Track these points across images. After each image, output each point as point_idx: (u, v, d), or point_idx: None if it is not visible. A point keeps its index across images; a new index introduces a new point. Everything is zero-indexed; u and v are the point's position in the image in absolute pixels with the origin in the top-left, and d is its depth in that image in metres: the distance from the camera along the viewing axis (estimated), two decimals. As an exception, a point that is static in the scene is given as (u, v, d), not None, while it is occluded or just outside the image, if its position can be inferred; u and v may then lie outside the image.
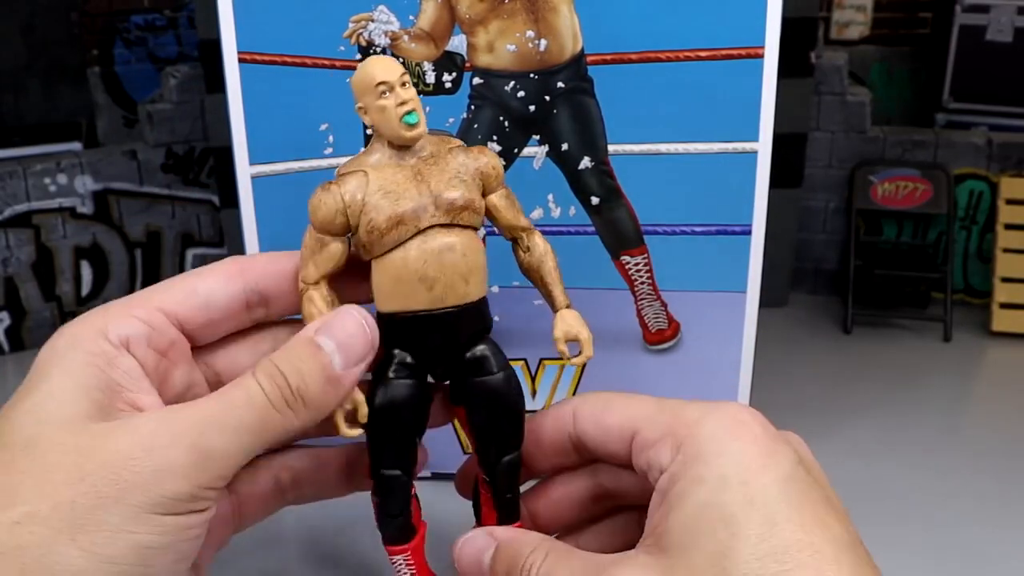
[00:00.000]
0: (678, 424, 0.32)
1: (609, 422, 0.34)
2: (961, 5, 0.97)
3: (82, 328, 0.32)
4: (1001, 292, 0.77)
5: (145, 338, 0.33)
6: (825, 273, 0.85)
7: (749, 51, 0.48)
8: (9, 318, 0.74)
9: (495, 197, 0.36)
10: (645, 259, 0.52)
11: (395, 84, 0.33)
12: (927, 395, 0.68)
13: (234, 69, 0.48)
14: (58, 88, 0.96)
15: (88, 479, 0.27)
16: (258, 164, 0.49)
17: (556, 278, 0.37)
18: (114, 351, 0.32)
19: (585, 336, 0.36)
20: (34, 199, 0.73)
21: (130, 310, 0.33)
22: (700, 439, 0.31)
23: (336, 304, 0.35)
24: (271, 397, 0.30)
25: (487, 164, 0.35)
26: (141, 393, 0.31)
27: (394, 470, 0.35)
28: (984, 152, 0.80)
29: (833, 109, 0.81)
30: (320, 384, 0.31)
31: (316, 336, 0.32)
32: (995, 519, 0.53)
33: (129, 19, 0.94)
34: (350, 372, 0.33)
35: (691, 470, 0.30)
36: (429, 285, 0.33)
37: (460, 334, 0.34)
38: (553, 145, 0.50)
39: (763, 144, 0.50)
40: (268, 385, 0.31)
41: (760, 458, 0.30)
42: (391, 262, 0.33)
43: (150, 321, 0.33)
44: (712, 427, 0.31)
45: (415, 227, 0.33)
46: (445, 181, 0.34)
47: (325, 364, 0.32)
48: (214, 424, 0.29)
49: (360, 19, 0.48)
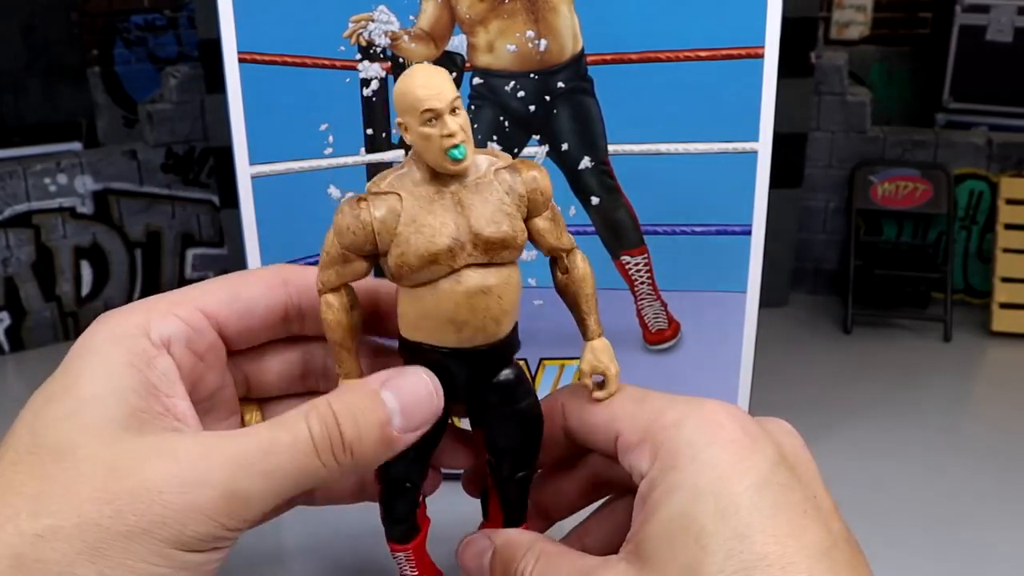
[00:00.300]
0: (656, 427, 0.31)
1: (593, 421, 0.34)
2: (961, 5, 0.97)
3: (124, 322, 0.32)
4: (1001, 292, 0.77)
5: (184, 339, 0.32)
6: (825, 273, 0.85)
7: (749, 51, 0.48)
8: (9, 318, 0.74)
9: (540, 220, 0.33)
10: (645, 259, 0.52)
11: (444, 112, 0.29)
12: (927, 395, 0.68)
13: (234, 69, 0.48)
14: (58, 88, 0.96)
15: (116, 502, 0.27)
16: (258, 164, 0.49)
17: (592, 305, 0.34)
18: (154, 351, 0.31)
19: (613, 372, 0.34)
20: (34, 199, 0.73)
21: (172, 308, 0.32)
22: (677, 444, 0.30)
23: (356, 309, 0.33)
24: (318, 444, 0.29)
25: (533, 188, 0.32)
26: (176, 398, 0.31)
27: (404, 480, 0.35)
28: (984, 152, 0.80)
29: (833, 109, 0.81)
30: (374, 442, 0.30)
31: (382, 390, 0.31)
32: (995, 519, 0.53)
33: (129, 19, 0.94)
34: (407, 436, 0.31)
35: (667, 477, 0.29)
36: (458, 328, 0.31)
37: (486, 367, 0.33)
38: (553, 145, 0.50)
39: (763, 144, 0.50)
40: (319, 430, 0.29)
41: (735, 463, 0.29)
42: (420, 298, 0.31)
43: (191, 322, 0.33)
44: (689, 431, 0.30)
45: (449, 267, 0.30)
46: (487, 216, 0.31)
47: (384, 422, 0.30)
48: (252, 466, 0.28)
49: (360, 19, 0.48)
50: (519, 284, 0.32)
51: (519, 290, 0.33)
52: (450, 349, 0.32)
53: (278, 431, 0.29)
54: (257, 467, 0.28)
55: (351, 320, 0.33)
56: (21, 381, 0.70)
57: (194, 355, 0.33)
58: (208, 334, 0.34)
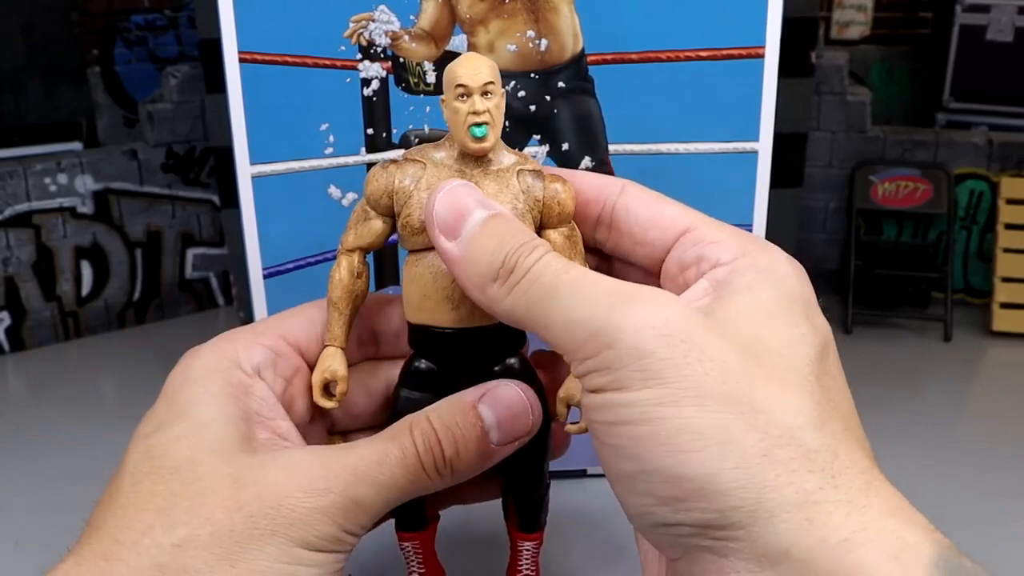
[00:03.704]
0: (745, 238, 0.31)
1: (667, 212, 0.32)
2: (961, 5, 0.97)
3: (214, 356, 0.32)
4: (1001, 292, 0.77)
5: (273, 365, 0.33)
6: (825, 273, 0.85)
7: (750, 51, 0.48)
8: (9, 318, 0.74)
9: (554, 233, 0.33)
10: (645, 259, 0.52)
11: (475, 90, 0.31)
12: (927, 394, 0.68)
13: (234, 69, 0.48)
14: (58, 88, 0.96)
15: (245, 509, 0.28)
16: (258, 164, 0.49)
17: None
18: (249, 380, 0.32)
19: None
20: (34, 199, 0.73)
21: (257, 338, 0.33)
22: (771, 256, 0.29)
23: (364, 277, 0.34)
24: (424, 460, 0.30)
25: (553, 197, 0.33)
26: (278, 419, 0.32)
27: None
28: (984, 152, 0.80)
29: (833, 109, 0.81)
30: (473, 456, 0.31)
31: (480, 405, 0.31)
32: (995, 517, 0.53)
33: (129, 19, 0.94)
34: (504, 449, 0.31)
35: (760, 275, 0.28)
36: (455, 305, 0.32)
37: (485, 351, 0.34)
38: (554, 145, 0.50)
39: (763, 144, 0.50)
40: (423, 447, 0.30)
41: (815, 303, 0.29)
42: (420, 275, 0.33)
43: (276, 349, 0.33)
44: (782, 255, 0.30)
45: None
46: (498, 200, 0.32)
47: (481, 437, 0.31)
48: (367, 476, 0.30)
49: (360, 19, 0.48)
50: None
51: None
52: (452, 330, 0.32)
53: (388, 445, 0.30)
54: (371, 477, 0.29)
55: (353, 285, 0.34)
56: (21, 381, 0.70)
57: (284, 380, 0.34)
58: (293, 359, 0.34)
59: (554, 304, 0.27)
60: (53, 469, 0.56)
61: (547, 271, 0.28)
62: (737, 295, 0.27)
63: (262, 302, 0.52)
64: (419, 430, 0.30)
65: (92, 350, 0.75)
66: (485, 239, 0.29)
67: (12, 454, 0.60)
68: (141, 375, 0.83)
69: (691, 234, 0.31)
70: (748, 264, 0.29)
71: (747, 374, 0.25)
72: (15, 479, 0.57)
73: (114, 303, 0.78)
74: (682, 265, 0.31)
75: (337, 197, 0.50)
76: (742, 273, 0.28)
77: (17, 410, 0.69)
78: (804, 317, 0.28)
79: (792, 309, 0.27)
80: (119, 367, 0.83)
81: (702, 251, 0.30)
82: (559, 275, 0.27)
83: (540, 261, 0.28)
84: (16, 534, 0.52)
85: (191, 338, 0.37)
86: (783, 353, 0.26)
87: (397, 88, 0.49)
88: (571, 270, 0.28)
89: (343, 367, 0.33)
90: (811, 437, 0.25)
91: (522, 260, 0.28)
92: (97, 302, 0.78)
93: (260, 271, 0.50)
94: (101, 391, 0.74)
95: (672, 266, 0.31)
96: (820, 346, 0.27)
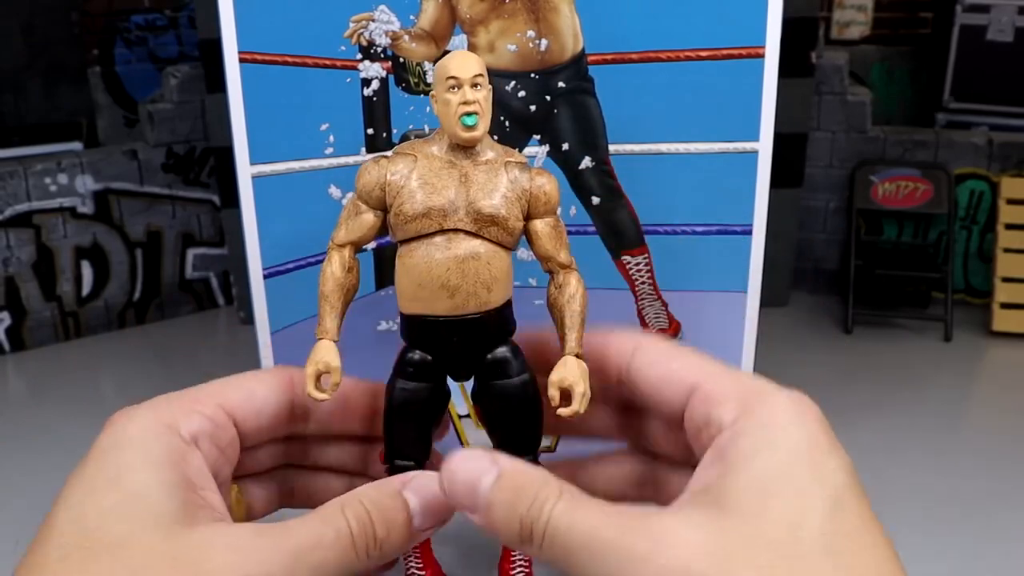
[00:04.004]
0: (746, 389, 0.31)
1: (674, 367, 0.34)
2: (962, 5, 0.97)
3: (151, 420, 0.32)
4: (1002, 292, 0.77)
5: (209, 435, 0.33)
6: (826, 273, 0.85)
7: (750, 51, 0.48)
8: (10, 318, 0.74)
9: (539, 223, 0.35)
10: (646, 259, 0.52)
11: (465, 82, 0.33)
12: (928, 394, 0.68)
13: (235, 69, 0.48)
14: (59, 88, 0.96)
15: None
16: (258, 164, 0.49)
17: (576, 323, 0.36)
18: (186, 447, 0.32)
19: (580, 391, 0.35)
20: (35, 199, 0.73)
21: (195, 406, 0.34)
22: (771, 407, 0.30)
23: (355, 272, 0.36)
24: (357, 541, 0.30)
25: (539, 188, 0.35)
26: (209, 491, 0.32)
27: (407, 460, 0.35)
28: (984, 152, 0.80)
29: (834, 109, 0.81)
30: (400, 540, 0.31)
31: (406, 492, 0.31)
32: (995, 517, 0.53)
33: (129, 19, 0.94)
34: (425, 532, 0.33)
35: (760, 434, 0.29)
36: (451, 292, 0.33)
37: (479, 339, 0.34)
38: (554, 145, 0.50)
39: (764, 144, 0.49)
40: (357, 529, 0.30)
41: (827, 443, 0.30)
42: (415, 265, 0.33)
43: (214, 419, 0.34)
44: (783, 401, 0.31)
45: (439, 224, 0.33)
46: (487, 192, 0.34)
47: (408, 522, 0.31)
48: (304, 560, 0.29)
49: (361, 19, 0.48)
50: (510, 264, 0.34)
51: (510, 269, 0.34)
52: (446, 319, 0.33)
53: (322, 527, 0.30)
54: (309, 560, 0.29)
55: (345, 278, 0.35)
56: (21, 381, 0.70)
57: (218, 451, 0.34)
58: (229, 430, 0.35)
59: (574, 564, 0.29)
60: (53, 469, 0.56)
61: (558, 534, 0.29)
62: (737, 474, 0.29)
63: (262, 302, 0.52)
64: (352, 511, 0.31)
65: (92, 350, 0.75)
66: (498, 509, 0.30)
67: (12, 454, 0.60)
68: (141, 375, 0.84)
69: (698, 393, 0.33)
70: (748, 426, 0.30)
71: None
72: (15, 479, 0.57)
73: (114, 303, 0.78)
74: (696, 426, 0.32)
75: (337, 197, 0.50)
76: (742, 438, 0.30)
77: (17, 410, 0.70)
78: (810, 474, 0.28)
79: (794, 473, 0.28)
80: (119, 367, 0.82)
81: (709, 413, 0.32)
82: (569, 537, 0.29)
83: (549, 525, 0.29)
84: (16, 534, 0.52)
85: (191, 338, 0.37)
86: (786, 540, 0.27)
87: (397, 88, 0.49)
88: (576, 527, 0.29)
89: (336, 359, 0.34)
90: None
91: (536, 527, 0.29)
92: (97, 302, 0.78)
93: (260, 271, 0.50)
94: (101, 391, 0.74)
95: (690, 427, 0.33)
96: (829, 506, 0.28)
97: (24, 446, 0.61)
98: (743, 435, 0.30)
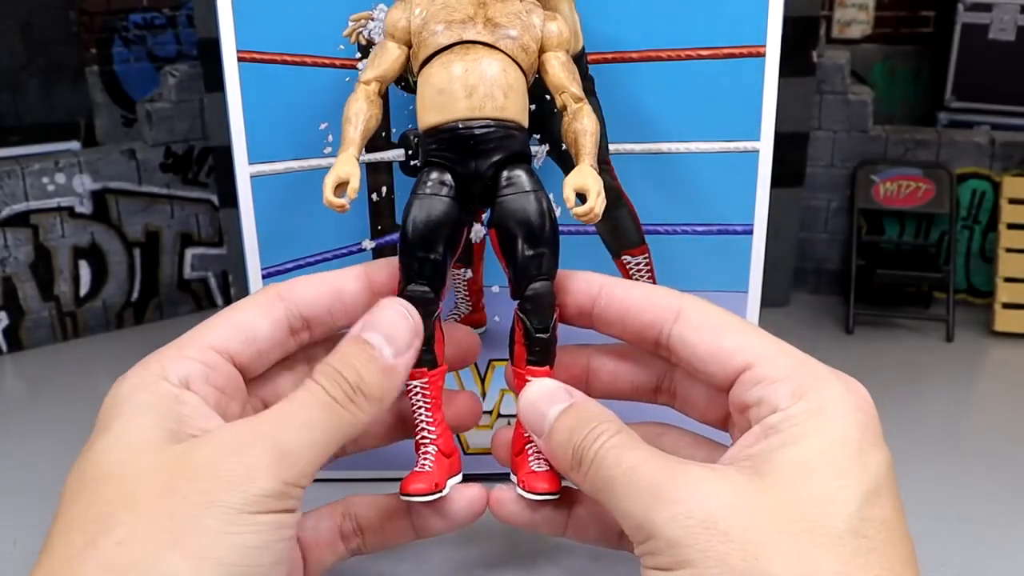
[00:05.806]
0: (801, 372, 0.33)
1: (725, 345, 0.34)
2: (963, 4, 0.97)
3: (141, 375, 0.34)
4: (1004, 292, 0.77)
5: (203, 376, 0.34)
6: (827, 273, 0.85)
7: (750, 50, 0.48)
8: (7, 318, 0.73)
9: (552, 55, 0.38)
10: (646, 259, 0.52)
11: None
12: (929, 395, 0.68)
13: (233, 68, 0.47)
14: (57, 87, 0.96)
15: (180, 491, 0.28)
16: (257, 163, 0.49)
17: (590, 146, 0.37)
18: (177, 391, 0.33)
19: (595, 189, 0.36)
20: (32, 198, 0.72)
21: (182, 352, 0.35)
22: (825, 394, 0.31)
23: (378, 109, 0.38)
24: (334, 395, 0.32)
25: (551, 26, 0.38)
26: (210, 421, 0.32)
27: (422, 286, 0.35)
28: (987, 151, 0.80)
29: (835, 108, 0.80)
30: (377, 376, 0.33)
31: (363, 333, 0.34)
32: (997, 519, 0.53)
33: (128, 18, 0.94)
34: (402, 359, 0.34)
35: (812, 421, 0.30)
36: (468, 92, 0.35)
37: (496, 150, 0.35)
38: (554, 144, 0.50)
39: (764, 143, 0.49)
40: (329, 385, 0.32)
41: (874, 436, 0.32)
42: (435, 73, 0.36)
43: (205, 360, 0.35)
44: (838, 389, 0.32)
45: (459, 36, 0.36)
46: (504, 13, 0.37)
47: (376, 357, 0.33)
48: (289, 423, 0.31)
49: (360, 17, 0.48)
50: (524, 85, 0.37)
51: (525, 89, 0.37)
52: (464, 123, 0.35)
53: (298, 393, 0.32)
54: (293, 422, 0.31)
55: (368, 108, 0.38)
56: (20, 381, 0.70)
57: (216, 390, 0.35)
58: (224, 367, 0.36)
59: (610, 496, 0.30)
60: (52, 469, 0.56)
61: (604, 464, 0.31)
62: (782, 449, 0.30)
63: (261, 302, 0.52)
64: (321, 373, 0.32)
65: (91, 350, 0.75)
66: (558, 434, 0.33)
67: (10, 454, 0.60)
68: (140, 375, 0.87)
69: (752, 373, 0.33)
70: (802, 411, 0.31)
71: (769, 545, 0.27)
72: (13, 479, 0.57)
73: (112, 303, 0.78)
74: (745, 405, 0.33)
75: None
76: (794, 422, 0.31)
77: (15, 410, 0.70)
78: (854, 460, 0.30)
79: (838, 457, 0.30)
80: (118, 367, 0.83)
81: (762, 394, 0.33)
82: (612, 468, 0.30)
83: (598, 455, 0.31)
84: (15, 534, 0.52)
85: (188, 339, 0.37)
86: (817, 512, 0.28)
87: (397, 87, 0.49)
88: (622, 462, 0.30)
89: (356, 169, 0.36)
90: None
91: (587, 454, 0.31)
92: (95, 302, 0.78)
93: (259, 271, 0.50)
94: (100, 391, 0.73)
95: (736, 401, 0.33)
96: (867, 492, 0.29)
97: (22, 446, 0.61)
98: (794, 420, 0.31)
